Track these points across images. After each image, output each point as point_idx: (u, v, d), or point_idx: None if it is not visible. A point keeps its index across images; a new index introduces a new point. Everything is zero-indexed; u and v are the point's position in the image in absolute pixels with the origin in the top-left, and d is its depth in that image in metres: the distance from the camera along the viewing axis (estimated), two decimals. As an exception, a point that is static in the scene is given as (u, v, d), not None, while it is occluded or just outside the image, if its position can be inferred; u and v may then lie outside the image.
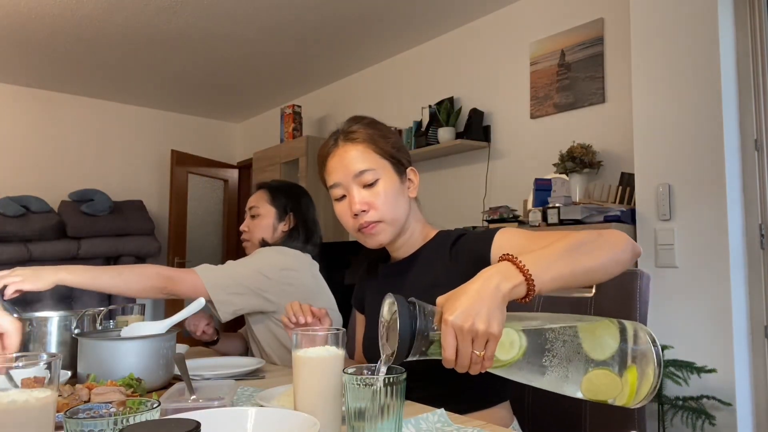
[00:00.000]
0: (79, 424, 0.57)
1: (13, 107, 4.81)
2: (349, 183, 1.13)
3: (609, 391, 0.77)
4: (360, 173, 1.12)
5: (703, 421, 2.14)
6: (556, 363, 0.77)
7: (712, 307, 2.20)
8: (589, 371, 0.76)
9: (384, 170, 1.14)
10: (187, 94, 5.16)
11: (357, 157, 1.13)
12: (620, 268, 0.91)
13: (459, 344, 0.74)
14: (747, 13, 2.31)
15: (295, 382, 0.84)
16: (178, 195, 5.27)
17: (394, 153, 1.16)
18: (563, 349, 0.77)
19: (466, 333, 0.73)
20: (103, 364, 1.11)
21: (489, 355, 0.75)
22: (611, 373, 0.76)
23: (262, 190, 1.85)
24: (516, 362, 0.77)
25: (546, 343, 0.77)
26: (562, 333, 0.78)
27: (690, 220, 2.28)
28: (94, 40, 3.92)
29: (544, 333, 0.78)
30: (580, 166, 2.76)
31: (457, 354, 0.74)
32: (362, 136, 1.16)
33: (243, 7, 3.46)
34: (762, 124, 2.28)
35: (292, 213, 1.82)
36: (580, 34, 3.04)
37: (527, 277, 0.79)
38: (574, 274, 0.84)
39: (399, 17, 3.61)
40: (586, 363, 0.77)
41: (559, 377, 0.77)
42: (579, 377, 0.77)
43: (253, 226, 1.81)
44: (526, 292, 0.79)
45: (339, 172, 1.14)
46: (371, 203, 1.12)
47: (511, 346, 0.77)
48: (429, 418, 0.88)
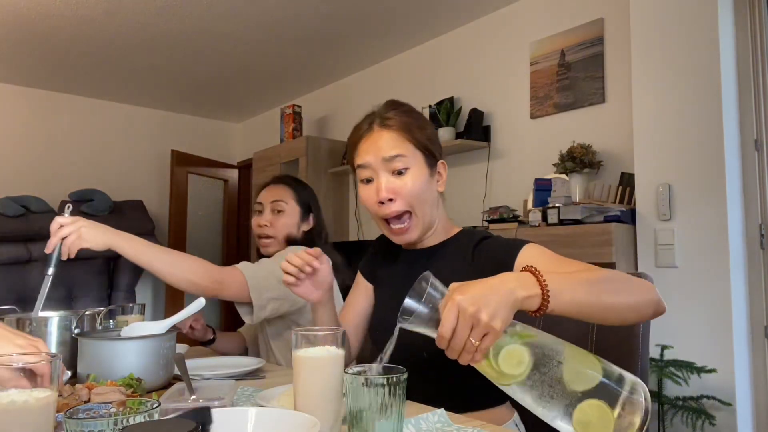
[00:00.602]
0: (79, 424, 0.57)
1: (13, 107, 4.81)
2: (378, 166, 1.12)
3: (600, 425, 0.73)
4: (391, 158, 1.10)
5: (703, 421, 2.14)
6: (552, 393, 0.74)
7: (712, 307, 2.20)
8: (582, 402, 0.73)
9: (415, 160, 1.12)
10: (187, 94, 5.16)
11: (390, 142, 1.12)
12: (637, 319, 0.90)
13: (458, 326, 0.73)
14: (747, 13, 2.31)
15: (295, 382, 0.84)
16: (178, 195, 5.27)
17: (427, 144, 1.15)
18: (561, 377, 0.74)
19: (468, 317, 0.72)
20: (103, 364, 1.11)
21: (483, 348, 0.74)
22: (605, 407, 0.73)
23: (285, 186, 1.79)
24: (516, 381, 0.75)
25: (549, 370, 0.74)
26: (561, 360, 0.75)
27: (690, 220, 2.28)
28: (94, 40, 3.92)
29: (551, 359, 0.75)
30: (580, 166, 2.76)
31: (453, 337, 0.73)
32: (398, 124, 1.14)
33: (243, 7, 3.46)
34: (762, 124, 2.28)
35: (312, 213, 1.80)
36: (580, 34, 3.04)
37: (544, 292, 0.77)
38: (591, 306, 0.83)
39: (399, 17, 3.61)
40: (578, 396, 0.73)
41: (552, 406, 0.74)
42: (570, 409, 0.73)
43: (276, 222, 1.74)
44: (538, 306, 0.78)
45: (370, 154, 1.13)
46: (398, 192, 1.10)
47: (519, 364, 0.75)
48: (429, 418, 0.88)
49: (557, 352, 0.75)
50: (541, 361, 0.74)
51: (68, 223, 1.26)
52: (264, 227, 1.76)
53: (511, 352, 0.75)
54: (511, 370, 0.75)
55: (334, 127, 4.75)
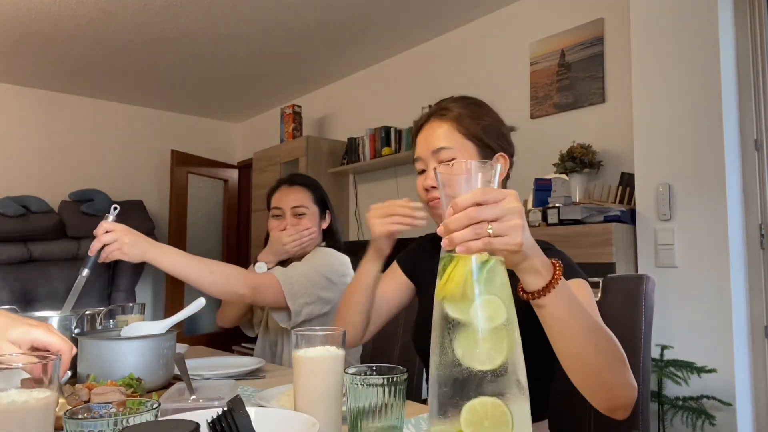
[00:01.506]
0: (79, 424, 0.57)
1: (13, 107, 4.81)
2: (428, 158, 1.13)
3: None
4: (438, 150, 1.11)
5: (703, 422, 2.14)
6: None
7: (712, 307, 2.20)
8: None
9: (463, 151, 1.10)
10: (187, 94, 5.16)
11: (440, 134, 1.12)
12: (598, 391, 0.79)
13: (486, 205, 0.62)
14: (747, 13, 2.32)
15: (295, 382, 0.84)
16: (178, 195, 5.27)
17: (481, 135, 1.11)
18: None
19: (503, 207, 0.62)
20: (103, 364, 1.11)
21: (491, 242, 0.62)
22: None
23: (303, 188, 1.82)
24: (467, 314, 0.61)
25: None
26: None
27: (690, 220, 2.28)
28: (94, 40, 3.92)
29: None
30: (580, 166, 2.76)
31: (468, 209, 0.62)
32: (452, 115, 1.13)
33: (243, 7, 3.46)
34: (762, 124, 2.28)
35: (328, 211, 1.84)
36: (580, 34, 3.04)
37: (551, 283, 0.72)
38: (575, 338, 0.76)
39: (399, 17, 3.61)
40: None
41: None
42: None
43: (300, 226, 1.77)
44: (536, 288, 0.72)
45: (422, 146, 1.15)
46: None
47: (497, 314, 0.61)
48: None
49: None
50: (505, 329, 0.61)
51: (113, 230, 1.29)
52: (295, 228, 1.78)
53: (492, 302, 0.61)
54: (481, 304, 0.60)
55: (334, 127, 4.75)
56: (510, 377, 0.59)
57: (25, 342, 0.83)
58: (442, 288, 0.63)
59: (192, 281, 1.37)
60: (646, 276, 1.13)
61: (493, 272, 0.62)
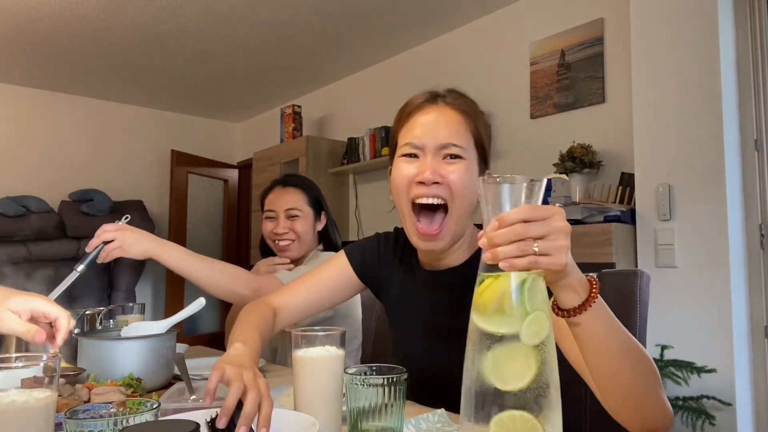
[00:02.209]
0: (79, 424, 0.57)
1: (13, 107, 4.81)
2: (431, 146, 0.99)
3: None
4: (447, 145, 0.99)
5: (703, 421, 2.14)
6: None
7: (712, 307, 2.20)
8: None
9: (470, 154, 1.01)
10: (187, 94, 5.16)
11: (453, 127, 1.00)
12: (636, 416, 0.75)
13: (533, 222, 0.59)
14: (747, 13, 2.32)
15: (295, 382, 0.84)
16: (178, 195, 5.27)
17: (484, 145, 1.04)
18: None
19: (551, 226, 0.60)
20: (103, 364, 1.11)
21: (542, 263, 0.60)
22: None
23: (296, 189, 1.79)
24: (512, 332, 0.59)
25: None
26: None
27: (690, 220, 2.28)
28: (93, 40, 3.92)
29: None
30: (580, 166, 2.76)
31: (515, 226, 0.59)
32: (466, 108, 1.03)
33: (243, 7, 3.46)
34: (762, 124, 2.28)
35: (323, 211, 1.82)
36: (580, 34, 3.04)
37: (588, 300, 0.68)
38: (612, 356, 0.72)
39: (399, 17, 3.61)
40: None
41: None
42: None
43: (294, 228, 1.75)
44: (573, 306, 0.68)
45: (427, 133, 0.99)
46: (445, 177, 0.97)
47: (540, 330, 0.59)
48: (429, 418, 0.88)
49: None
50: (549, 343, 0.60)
51: (112, 230, 1.28)
52: (281, 234, 1.75)
53: (538, 299, 0.60)
54: (529, 323, 0.59)
55: (334, 127, 4.75)
56: (544, 391, 0.58)
57: (24, 311, 0.83)
58: (482, 302, 0.61)
59: (193, 278, 1.36)
60: (640, 271, 1.12)
61: (534, 288, 0.61)
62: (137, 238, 1.30)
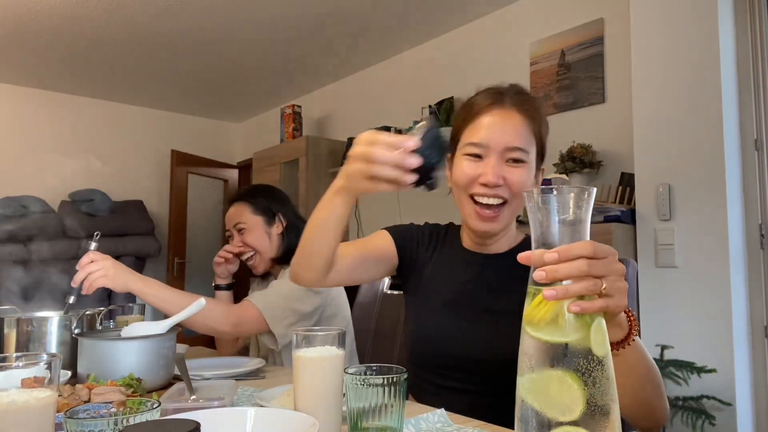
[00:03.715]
0: (79, 424, 0.57)
1: (13, 107, 4.81)
2: (495, 151, 1.01)
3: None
4: (513, 149, 1.01)
5: (703, 422, 2.14)
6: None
7: (712, 307, 2.20)
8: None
9: (532, 156, 1.04)
10: (187, 94, 5.16)
11: (518, 130, 1.02)
12: (644, 420, 0.84)
13: (591, 261, 0.58)
14: (747, 13, 2.31)
15: (295, 382, 0.84)
16: (178, 195, 5.27)
17: (545, 144, 1.07)
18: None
19: (613, 267, 0.61)
20: (103, 364, 1.11)
21: (611, 306, 0.59)
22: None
23: (240, 203, 1.75)
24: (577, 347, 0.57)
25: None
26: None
27: (690, 220, 2.28)
28: (94, 40, 3.92)
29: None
30: (580, 166, 2.76)
31: (581, 263, 0.58)
32: (530, 110, 1.05)
33: (243, 8, 3.45)
34: (762, 124, 2.28)
35: (280, 213, 1.75)
36: (580, 34, 3.04)
37: (629, 336, 0.73)
38: (638, 378, 0.79)
39: (399, 17, 3.61)
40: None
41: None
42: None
43: (246, 241, 1.71)
44: (615, 340, 0.72)
45: (492, 135, 1.01)
46: (507, 180, 1.01)
47: (602, 345, 0.58)
48: (429, 418, 0.88)
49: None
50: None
51: (98, 260, 1.31)
52: (243, 252, 1.73)
53: (600, 328, 0.59)
54: (595, 345, 0.57)
55: (334, 127, 4.75)
56: (602, 410, 0.57)
57: None
58: (539, 316, 0.58)
59: (170, 313, 1.34)
60: (626, 260, 1.11)
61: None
62: (118, 273, 1.33)
